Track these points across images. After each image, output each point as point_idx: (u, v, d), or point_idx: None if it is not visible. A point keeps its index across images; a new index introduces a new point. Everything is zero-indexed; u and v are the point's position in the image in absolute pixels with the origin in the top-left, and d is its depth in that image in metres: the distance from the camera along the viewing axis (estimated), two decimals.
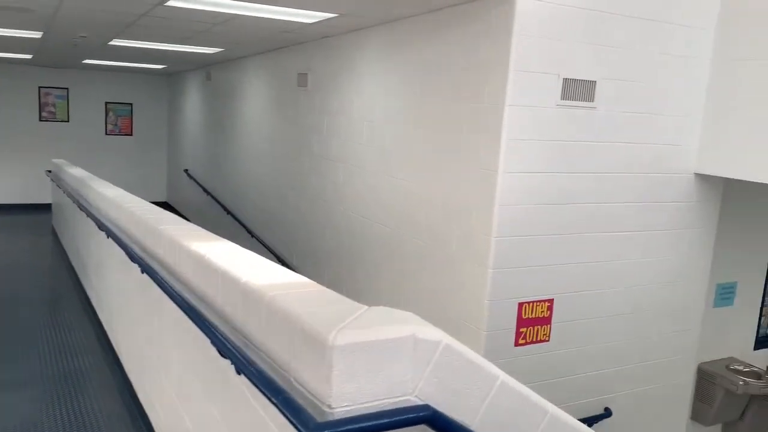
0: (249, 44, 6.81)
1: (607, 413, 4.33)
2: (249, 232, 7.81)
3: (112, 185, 6.09)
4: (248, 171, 8.20)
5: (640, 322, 4.33)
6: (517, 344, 3.90)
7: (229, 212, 8.66)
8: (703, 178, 4.32)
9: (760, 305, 5.33)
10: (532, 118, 3.66)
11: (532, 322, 3.94)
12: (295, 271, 6.43)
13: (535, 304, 3.92)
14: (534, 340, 3.97)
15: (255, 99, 7.92)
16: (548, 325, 4.00)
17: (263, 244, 7.34)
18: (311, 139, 6.18)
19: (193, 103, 10.93)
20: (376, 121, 5.00)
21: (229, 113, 8.95)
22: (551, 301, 3.97)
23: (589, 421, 4.25)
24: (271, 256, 7.09)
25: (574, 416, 4.28)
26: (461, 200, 3.98)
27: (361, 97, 5.23)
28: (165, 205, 13.15)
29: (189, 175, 10.91)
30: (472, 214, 3.87)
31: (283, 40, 6.32)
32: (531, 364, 3.97)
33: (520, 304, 3.87)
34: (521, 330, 3.91)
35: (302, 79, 6.27)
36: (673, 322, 4.49)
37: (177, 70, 11.08)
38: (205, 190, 9.91)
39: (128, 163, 12.56)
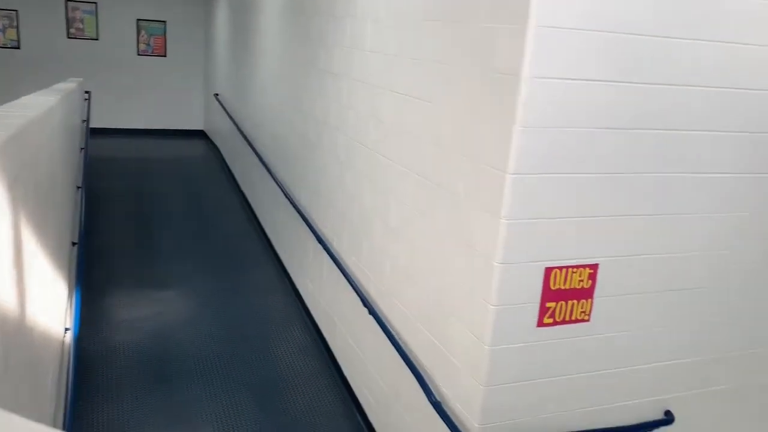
0: None
1: (669, 419, 3.18)
2: (264, 164, 6.87)
3: None
4: (263, 94, 7.19)
5: (722, 299, 3.10)
6: (540, 324, 2.79)
7: (248, 141, 7.74)
8: None
9: None
10: None
11: (565, 295, 2.80)
12: (304, 212, 5.48)
13: (570, 270, 2.77)
14: (567, 319, 2.84)
15: (269, 7, 6.81)
16: (589, 300, 2.85)
17: (274, 179, 6.39)
18: (318, 51, 5.06)
19: (222, 19, 9.93)
20: (381, 20, 3.82)
21: (248, 28, 7.91)
22: (595, 267, 2.80)
23: (645, 428, 3.13)
24: (280, 192, 6.13)
25: (627, 420, 3.18)
26: (472, 120, 2.81)
27: None
28: (201, 134, 12.43)
29: (218, 101, 10.04)
30: (484, 139, 2.71)
31: None
32: (561, 352, 2.85)
33: (548, 270, 2.72)
34: (548, 305, 2.78)
35: None
36: None
37: None
38: (230, 117, 9.01)
39: (163, 86, 11.80)
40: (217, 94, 10.35)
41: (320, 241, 4.86)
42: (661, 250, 2.88)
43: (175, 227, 7.72)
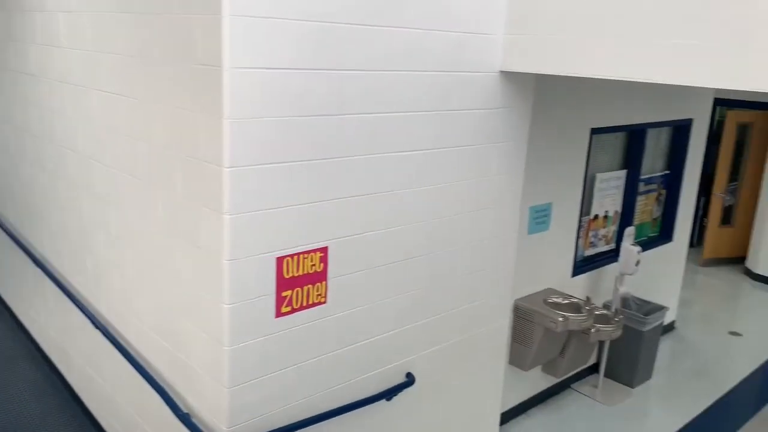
0: None
1: (410, 380, 3.42)
2: None
3: None
4: None
5: (442, 263, 3.41)
6: (279, 314, 2.78)
7: None
8: (511, 77, 3.40)
9: (576, 227, 4.72)
10: None
11: (300, 282, 2.83)
12: (16, 235, 4.80)
13: (301, 256, 2.80)
14: (304, 304, 2.87)
15: None
16: (324, 282, 2.92)
17: None
18: (8, 49, 4.44)
19: None
20: (74, 12, 3.46)
21: None
22: (325, 249, 2.87)
23: (390, 393, 3.32)
24: None
25: (374, 389, 3.33)
26: (183, 115, 2.68)
27: None
28: None
29: None
30: (197, 134, 2.60)
31: None
32: (303, 338, 2.88)
33: (280, 259, 2.73)
34: (284, 294, 2.78)
35: None
36: (483, 259, 3.64)
37: None
38: None
39: None
40: None
41: (38, 264, 4.31)
42: (382, 226, 3.05)
43: None
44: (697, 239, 8.52)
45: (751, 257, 8.01)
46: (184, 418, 2.90)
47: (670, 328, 6.24)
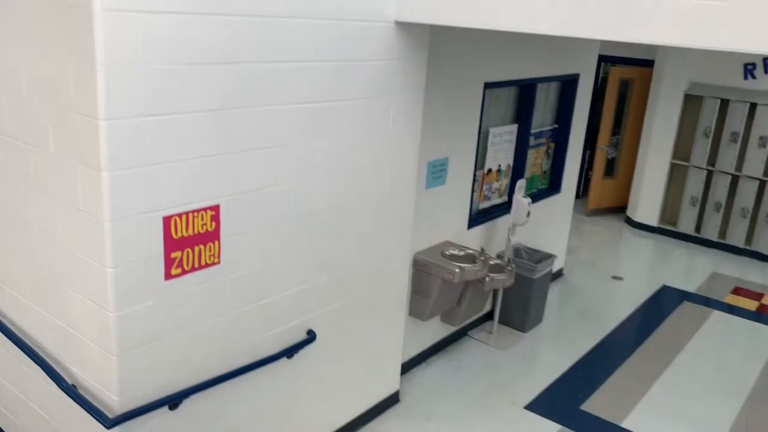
0: None
1: (311, 337, 3.40)
2: None
3: None
4: None
5: (341, 219, 3.37)
6: (169, 276, 2.65)
7: None
8: (406, 28, 3.35)
9: (471, 181, 4.81)
10: None
11: (191, 242, 2.70)
12: None
13: (191, 215, 2.67)
14: (197, 266, 2.75)
15: None
16: (216, 242, 2.80)
17: None
18: None
19: None
20: None
21: None
22: (216, 208, 2.75)
23: (291, 351, 3.29)
24: None
25: (275, 349, 3.26)
26: (51, 63, 2.43)
27: None
28: None
29: None
30: (68, 84, 2.37)
31: None
32: (197, 300, 2.77)
33: (167, 219, 2.58)
34: (173, 256, 2.65)
35: None
36: (382, 213, 3.63)
37: None
38: None
39: None
40: None
41: None
42: (277, 181, 2.95)
43: None
44: (582, 190, 8.99)
45: (631, 206, 8.57)
46: (70, 390, 2.73)
47: (558, 274, 6.59)
